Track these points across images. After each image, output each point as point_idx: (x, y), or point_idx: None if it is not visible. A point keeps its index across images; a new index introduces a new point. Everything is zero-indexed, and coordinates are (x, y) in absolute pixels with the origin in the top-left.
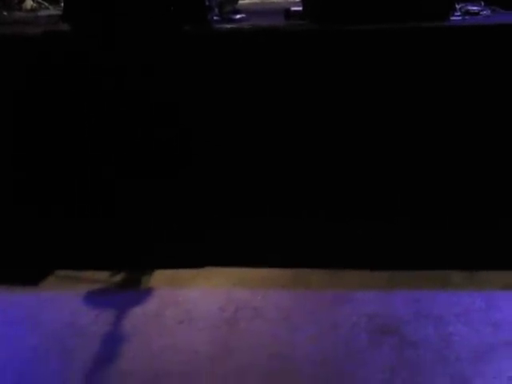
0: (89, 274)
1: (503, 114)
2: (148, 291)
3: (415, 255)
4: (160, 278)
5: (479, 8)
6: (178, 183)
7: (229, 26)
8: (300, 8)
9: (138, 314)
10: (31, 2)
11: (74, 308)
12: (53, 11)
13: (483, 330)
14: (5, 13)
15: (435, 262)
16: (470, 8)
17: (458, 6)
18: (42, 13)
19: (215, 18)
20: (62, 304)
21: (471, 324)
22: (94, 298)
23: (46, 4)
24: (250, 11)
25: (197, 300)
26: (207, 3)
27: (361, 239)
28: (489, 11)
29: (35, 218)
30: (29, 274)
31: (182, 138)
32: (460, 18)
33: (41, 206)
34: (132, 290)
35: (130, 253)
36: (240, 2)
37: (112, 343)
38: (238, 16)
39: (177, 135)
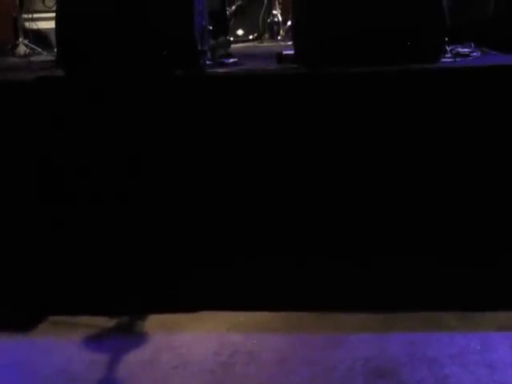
0: (82, 319)
1: (495, 156)
2: (142, 336)
3: (409, 297)
4: (154, 323)
5: (469, 50)
6: (172, 228)
7: (221, 70)
8: (292, 52)
9: (132, 360)
10: (24, 48)
11: (67, 354)
12: (46, 57)
13: (478, 371)
14: None
15: (429, 304)
16: (460, 50)
17: (448, 48)
18: (36, 58)
19: (207, 62)
20: (55, 350)
21: (466, 365)
22: (87, 344)
23: (40, 49)
24: (243, 55)
25: (191, 344)
26: (199, 47)
27: (354, 281)
28: (479, 53)
29: (28, 262)
30: (21, 320)
31: (174, 181)
32: (450, 60)
33: (34, 251)
34: (126, 335)
35: (124, 298)
36: (232, 45)
37: None
38: (231, 60)
39: (168, 178)
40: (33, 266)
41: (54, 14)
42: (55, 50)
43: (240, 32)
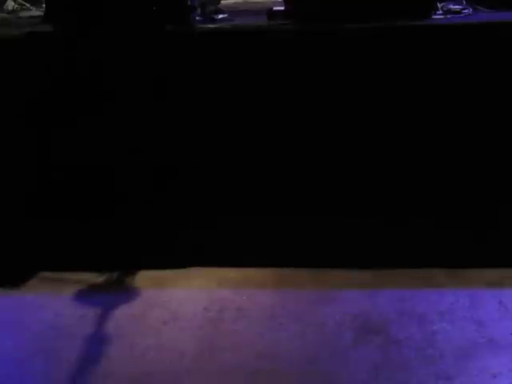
0: (72, 275)
1: (487, 112)
2: (132, 292)
3: (399, 254)
4: (144, 279)
5: (461, 7)
6: (161, 184)
7: (211, 25)
8: (282, 8)
9: (122, 315)
10: (12, 3)
11: (57, 309)
12: (34, 12)
13: (467, 327)
14: None
15: (419, 261)
16: (452, 7)
17: (439, 5)
18: (24, 14)
19: (198, 17)
20: (45, 305)
21: (455, 322)
22: (78, 300)
23: (28, 5)
24: (233, 11)
25: (181, 300)
26: (189, 3)
27: (344, 238)
28: (470, 10)
29: (18, 219)
30: (11, 276)
31: (162, 138)
32: (442, 16)
33: (24, 207)
34: (116, 291)
35: (114, 254)
36: (222, 1)
37: (96, 344)
38: (221, 16)
39: (158, 135)
40: (22, 223)
41: None
42: (43, 5)
43: None
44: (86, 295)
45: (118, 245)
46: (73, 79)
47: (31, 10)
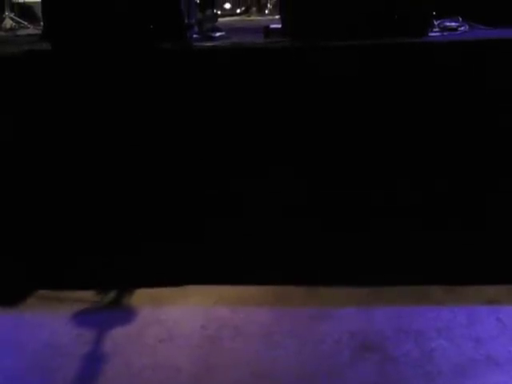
0: (69, 293)
1: (484, 128)
2: (129, 310)
3: (396, 270)
4: (141, 297)
5: (457, 24)
6: (157, 201)
7: (208, 43)
8: (279, 25)
9: (118, 334)
10: (10, 22)
11: (54, 328)
12: (32, 30)
13: (465, 344)
14: None
15: (416, 277)
16: (448, 24)
17: (435, 22)
18: (22, 32)
19: (195, 35)
20: (43, 324)
21: (453, 339)
22: (74, 318)
23: (26, 23)
24: (230, 29)
25: (178, 318)
26: (186, 21)
27: (341, 254)
28: (467, 27)
29: (16, 237)
30: (9, 294)
31: (158, 154)
32: (438, 33)
33: (22, 226)
34: (113, 309)
35: (111, 272)
36: (219, 19)
37: (93, 363)
38: (218, 34)
39: (154, 151)
40: (20, 241)
41: None
42: (41, 23)
43: (227, 5)
44: (82, 314)
45: (115, 263)
46: (71, 97)
47: (29, 28)
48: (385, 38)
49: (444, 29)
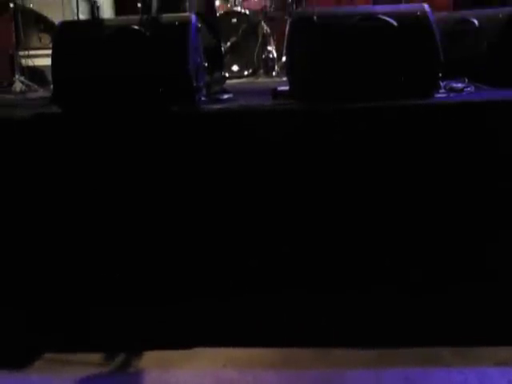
0: (78, 356)
1: (489, 192)
2: (137, 374)
3: (404, 332)
4: (149, 360)
5: (463, 85)
6: (164, 263)
7: (216, 106)
8: (287, 88)
9: None
10: (21, 85)
11: None
12: (42, 93)
13: None
14: None
15: (425, 339)
16: (454, 85)
17: (442, 84)
18: (32, 95)
19: (203, 98)
20: None
21: None
22: (83, 382)
23: (36, 86)
24: (238, 91)
25: (187, 381)
26: (195, 84)
27: (349, 316)
28: (473, 88)
29: (24, 299)
30: (17, 356)
31: (170, 214)
32: (444, 95)
33: (29, 288)
34: (122, 372)
35: (118, 335)
36: (227, 81)
37: None
38: (226, 96)
39: (166, 213)
40: (29, 304)
41: (50, 51)
42: (51, 86)
43: (235, 68)
44: (90, 377)
45: (124, 325)
46: (81, 161)
47: (39, 91)
48: (392, 100)
49: (450, 90)
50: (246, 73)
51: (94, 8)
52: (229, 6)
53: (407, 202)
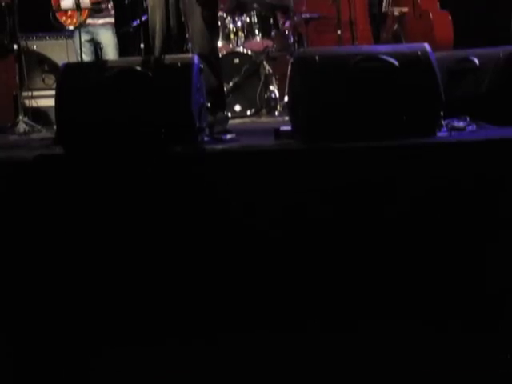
0: None
1: (492, 231)
2: None
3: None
4: None
5: (465, 123)
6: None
7: (219, 146)
8: (289, 127)
9: None
10: (24, 126)
11: None
12: (45, 134)
13: None
14: None
15: None
16: (456, 124)
17: (443, 122)
18: (35, 136)
19: (206, 138)
20: None
21: None
22: None
23: (39, 127)
24: (241, 131)
25: None
26: (198, 124)
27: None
28: (474, 126)
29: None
30: None
31: (173, 255)
32: (446, 134)
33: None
34: None
35: None
36: (230, 121)
37: None
38: (229, 136)
39: (168, 254)
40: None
41: (53, 92)
42: (55, 127)
43: (238, 108)
44: None
45: None
46: (83, 202)
47: (42, 131)
48: (394, 139)
49: (452, 128)
50: (248, 113)
51: (97, 49)
52: (231, 46)
53: (408, 242)
